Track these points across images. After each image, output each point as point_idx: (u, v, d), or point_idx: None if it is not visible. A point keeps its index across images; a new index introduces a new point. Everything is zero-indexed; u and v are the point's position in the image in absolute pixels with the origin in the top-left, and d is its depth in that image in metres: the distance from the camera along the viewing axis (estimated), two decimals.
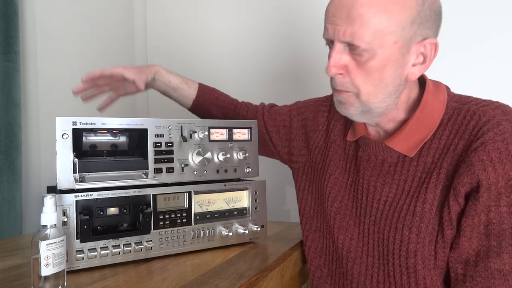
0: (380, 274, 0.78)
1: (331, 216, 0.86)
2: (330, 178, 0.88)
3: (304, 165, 0.97)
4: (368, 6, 0.68)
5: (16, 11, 1.14)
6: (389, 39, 0.69)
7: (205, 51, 1.62)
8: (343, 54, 0.73)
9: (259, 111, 1.07)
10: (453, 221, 0.70)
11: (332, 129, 0.93)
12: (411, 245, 0.73)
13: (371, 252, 0.79)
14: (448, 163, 0.72)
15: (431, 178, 0.73)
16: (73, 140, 0.76)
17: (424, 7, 0.69)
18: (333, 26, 0.72)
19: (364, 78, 0.73)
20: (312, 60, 1.42)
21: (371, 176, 0.82)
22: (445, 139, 0.74)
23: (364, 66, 0.72)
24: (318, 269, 0.90)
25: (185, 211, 0.86)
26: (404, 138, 0.77)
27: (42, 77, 1.28)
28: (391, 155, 0.79)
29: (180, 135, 0.87)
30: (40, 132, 1.26)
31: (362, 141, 0.84)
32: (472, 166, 0.67)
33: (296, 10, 1.45)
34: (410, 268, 0.73)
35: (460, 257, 0.69)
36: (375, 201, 0.80)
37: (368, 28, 0.68)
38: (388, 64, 0.71)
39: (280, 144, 1.02)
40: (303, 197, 0.95)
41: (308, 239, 0.92)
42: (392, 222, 0.76)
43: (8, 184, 1.10)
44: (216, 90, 1.10)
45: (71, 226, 0.74)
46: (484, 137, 0.68)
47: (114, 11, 1.62)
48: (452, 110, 0.75)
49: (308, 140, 0.97)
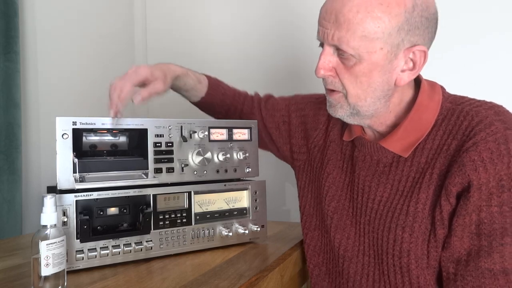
0: (375, 273, 0.78)
1: (328, 216, 0.87)
2: (328, 178, 0.89)
3: (304, 163, 0.97)
4: (355, 12, 0.68)
5: (16, 11, 1.14)
6: (376, 45, 0.70)
7: (204, 43, 1.61)
8: (332, 56, 0.74)
9: (255, 106, 1.05)
10: (445, 220, 0.70)
11: (332, 128, 0.93)
12: (404, 244, 0.73)
13: (366, 252, 0.80)
14: (441, 163, 0.72)
15: (424, 178, 0.74)
16: (73, 140, 0.76)
17: (413, 14, 0.69)
18: (323, 29, 0.73)
19: (352, 81, 0.74)
20: (313, 50, 1.40)
21: (366, 176, 0.82)
22: (439, 139, 0.74)
23: (351, 70, 0.73)
24: (316, 267, 0.91)
25: (185, 211, 0.86)
26: (398, 139, 0.77)
27: (42, 77, 1.28)
28: (386, 155, 0.80)
29: (180, 135, 0.87)
30: (40, 132, 1.26)
31: (358, 141, 0.85)
32: (464, 166, 0.68)
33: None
34: (404, 267, 0.74)
35: (452, 256, 0.69)
36: (370, 201, 0.80)
37: (355, 33, 0.69)
38: (375, 69, 0.72)
39: (281, 141, 1.02)
40: (304, 195, 0.96)
41: (307, 237, 0.93)
42: (386, 222, 0.76)
43: (8, 184, 1.11)
44: (223, 85, 1.07)
45: (71, 226, 0.74)
46: (476, 137, 0.68)
47: (114, 11, 1.62)
48: (446, 111, 0.75)
49: (308, 138, 0.97)
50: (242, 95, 1.09)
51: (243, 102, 1.07)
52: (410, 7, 0.69)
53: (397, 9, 0.69)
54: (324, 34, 0.73)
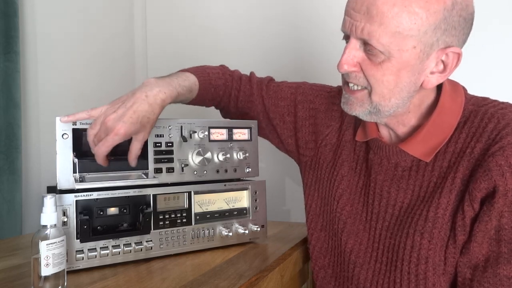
0: (385, 281, 0.76)
1: (340, 220, 0.84)
2: (343, 180, 0.85)
3: (311, 159, 0.93)
4: (391, 5, 0.63)
5: (16, 11, 1.14)
6: (409, 42, 0.65)
7: (205, 41, 1.61)
8: (357, 51, 0.69)
9: (254, 92, 0.98)
10: (467, 226, 0.68)
11: (347, 127, 0.89)
12: (422, 251, 0.71)
13: (379, 258, 0.77)
14: (464, 167, 0.70)
15: (446, 183, 0.71)
16: (73, 140, 0.76)
17: (452, 12, 0.64)
18: (351, 20, 0.68)
19: (378, 79, 0.69)
20: (320, 43, 1.40)
21: (384, 181, 0.79)
22: (462, 142, 0.71)
23: (379, 67, 0.68)
24: (322, 270, 0.88)
25: (185, 211, 0.86)
26: (420, 142, 0.74)
27: (42, 77, 1.28)
28: (405, 159, 0.77)
29: (180, 135, 0.87)
30: (40, 132, 1.26)
31: (374, 143, 0.81)
32: (490, 171, 0.65)
33: None
34: (420, 275, 0.71)
35: (470, 262, 0.68)
36: (390, 207, 0.77)
37: (387, 28, 0.64)
38: (404, 68, 0.67)
39: (286, 133, 0.96)
40: (310, 193, 0.92)
41: (313, 237, 0.90)
42: (404, 228, 0.74)
43: (8, 184, 1.10)
44: (212, 76, 0.96)
45: (71, 226, 0.74)
46: (503, 141, 0.66)
47: (114, 10, 1.62)
48: (469, 113, 0.73)
49: (317, 134, 0.93)
50: (236, 79, 1.00)
51: (238, 87, 0.99)
52: (449, 5, 0.64)
53: (436, 6, 0.63)
54: (352, 26, 0.67)
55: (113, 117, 0.74)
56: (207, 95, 0.97)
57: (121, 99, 0.78)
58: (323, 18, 1.39)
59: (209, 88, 0.96)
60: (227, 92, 0.99)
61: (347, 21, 0.69)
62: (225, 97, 1.00)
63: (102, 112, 0.76)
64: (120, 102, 0.77)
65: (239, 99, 1.00)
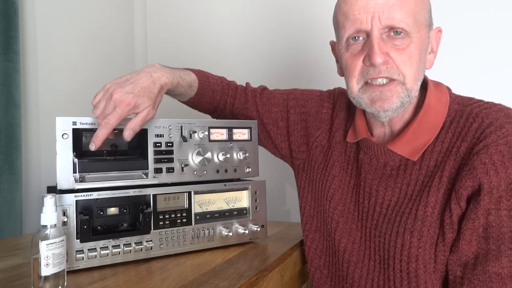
0: (380, 279, 0.77)
1: (333, 219, 0.85)
2: (334, 180, 0.87)
3: (303, 162, 0.96)
4: None
5: (16, 11, 1.14)
6: (422, 24, 0.71)
7: (206, 39, 1.61)
8: (384, 42, 0.71)
9: (249, 100, 1.00)
10: (454, 224, 0.69)
11: (337, 128, 0.91)
12: (412, 249, 0.72)
13: (372, 256, 0.78)
14: (450, 166, 0.71)
15: (433, 182, 0.72)
16: (73, 140, 0.76)
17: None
18: (368, 14, 0.70)
19: (406, 63, 0.72)
20: (316, 49, 1.41)
21: (373, 180, 0.81)
22: (448, 141, 0.73)
23: (405, 51, 0.71)
24: (318, 270, 0.89)
25: (185, 211, 0.86)
26: (407, 142, 0.76)
27: (42, 77, 1.29)
28: (393, 158, 0.78)
29: (180, 135, 0.87)
30: (40, 132, 1.26)
31: (364, 143, 0.83)
32: (474, 169, 0.66)
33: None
34: (411, 273, 0.72)
35: (459, 260, 0.68)
36: (378, 205, 0.79)
37: (409, 9, 0.70)
38: (422, 49, 0.73)
39: (279, 138, 0.99)
40: (304, 195, 0.94)
41: (308, 239, 0.91)
42: (393, 226, 0.75)
43: (8, 184, 1.11)
44: (211, 80, 0.98)
45: (71, 226, 0.74)
46: (487, 140, 0.67)
47: (114, 10, 1.62)
48: (454, 113, 0.74)
49: (308, 136, 0.95)
50: (232, 88, 1.02)
51: (234, 95, 1.01)
52: None
53: None
54: (372, 19, 0.70)
55: (121, 91, 0.76)
56: (205, 97, 0.98)
57: (124, 78, 0.80)
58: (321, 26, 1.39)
59: (208, 90, 0.98)
60: (223, 99, 1.02)
61: (361, 18, 0.71)
62: (221, 103, 1.02)
63: (105, 90, 0.77)
64: (124, 80, 0.79)
65: (235, 106, 1.02)
